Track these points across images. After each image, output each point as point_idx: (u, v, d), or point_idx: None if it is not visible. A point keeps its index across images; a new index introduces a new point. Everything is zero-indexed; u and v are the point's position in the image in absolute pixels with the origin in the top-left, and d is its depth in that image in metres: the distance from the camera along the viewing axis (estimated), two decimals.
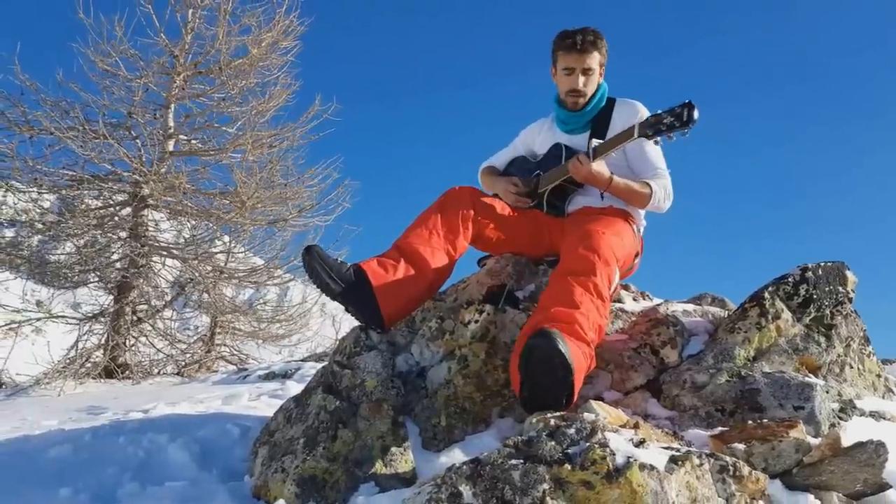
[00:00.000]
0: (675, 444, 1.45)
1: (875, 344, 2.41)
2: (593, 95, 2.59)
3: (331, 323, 7.84)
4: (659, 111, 2.25)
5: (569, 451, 1.30)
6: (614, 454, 1.27)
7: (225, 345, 6.72)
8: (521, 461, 1.30)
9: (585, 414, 1.46)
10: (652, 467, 1.25)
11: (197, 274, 5.95)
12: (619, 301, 2.61)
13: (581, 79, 2.53)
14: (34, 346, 6.29)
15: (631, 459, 1.26)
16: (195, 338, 6.74)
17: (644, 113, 2.55)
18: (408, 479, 1.88)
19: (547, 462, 1.28)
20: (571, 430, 1.35)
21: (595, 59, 2.52)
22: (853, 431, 1.91)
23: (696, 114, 2.15)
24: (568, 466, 1.26)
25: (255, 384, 4.18)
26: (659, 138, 2.25)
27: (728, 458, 1.34)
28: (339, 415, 1.98)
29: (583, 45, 2.49)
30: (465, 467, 1.34)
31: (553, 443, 1.33)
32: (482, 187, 2.88)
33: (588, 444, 1.29)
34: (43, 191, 6.02)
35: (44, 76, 6.08)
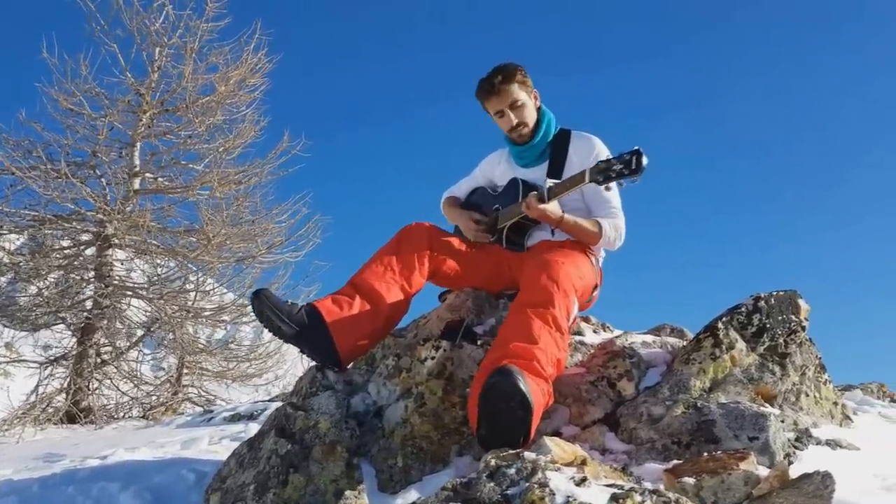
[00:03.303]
0: (621, 481, 1.43)
1: (839, 352, 2.43)
2: (539, 124, 2.61)
3: (301, 360, 7.74)
4: (609, 157, 2.28)
5: (508, 492, 1.27)
6: (554, 494, 1.24)
7: (193, 386, 6.59)
8: None
9: (527, 453, 1.44)
10: None
11: (163, 314, 5.86)
12: (580, 333, 2.60)
13: (512, 114, 2.55)
14: (1, 390, 6.14)
15: (570, 499, 1.23)
16: (162, 379, 6.61)
17: (601, 148, 2.57)
18: None
19: None
20: (511, 471, 1.33)
21: (515, 91, 2.53)
22: (809, 460, 1.91)
23: (644, 161, 2.17)
24: None
25: (218, 427, 4.09)
26: (612, 184, 2.27)
27: (672, 495, 1.32)
28: (290, 459, 1.94)
29: (495, 87, 2.52)
30: None
31: (492, 484, 1.30)
32: (445, 217, 2.89)
33: (528, 484, 1.27)
34: (3, 231, 5.92)
35: (6, 116, 6.08)
